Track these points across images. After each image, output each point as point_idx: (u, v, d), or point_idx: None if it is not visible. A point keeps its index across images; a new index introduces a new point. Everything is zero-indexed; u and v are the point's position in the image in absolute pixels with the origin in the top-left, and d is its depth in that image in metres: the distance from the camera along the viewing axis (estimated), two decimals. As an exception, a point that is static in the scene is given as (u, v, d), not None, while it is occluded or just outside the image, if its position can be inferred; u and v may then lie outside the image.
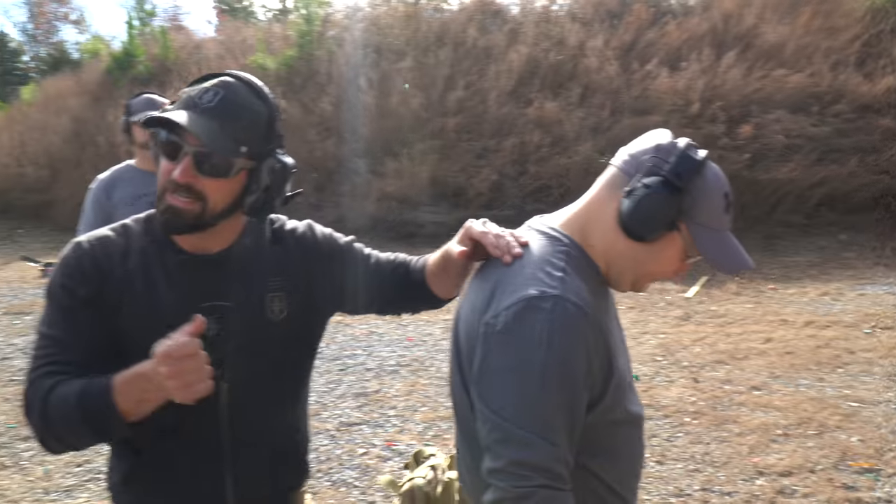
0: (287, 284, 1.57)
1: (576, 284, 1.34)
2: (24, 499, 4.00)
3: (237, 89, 1.46)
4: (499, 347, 1.31)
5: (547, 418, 1.27)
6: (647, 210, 1.36)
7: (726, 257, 1.42)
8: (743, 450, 4.26)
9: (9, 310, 8.32)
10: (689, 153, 1.37)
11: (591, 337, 1.31)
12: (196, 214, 1.43)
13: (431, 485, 1.65)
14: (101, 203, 3.39)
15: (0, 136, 17.21)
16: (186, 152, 1.40)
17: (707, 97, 10.90)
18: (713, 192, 1.39)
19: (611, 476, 1.43)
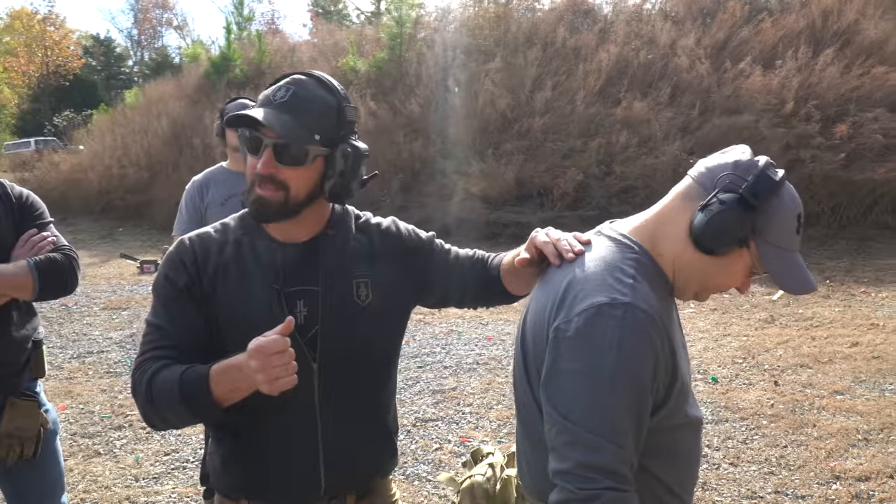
0: (372, 272, 1.67)
1: (645, 291, 1.37)
2: (116, 484, 4.26)
3: (307, 84, 1.58)
4: (569, 352, 1.35)
5: (615, 422, 1.31)
6: (720, 225, 1.37)
7: (792, 277, 1.43)
8: (820, 454, 4.17)
9: (107, 305, 8.78)
10: (767, 173, 1.38)
11: (658, 343, 1.35)
12: (281, 202, 1.56)
13: (490, 482, 1.68)
14: (195, 203, 3.60)
15: (104, 138, 18.10)
16: (266, 145, 1.53)
17: (802, 96, 10.59)
18: (787, 213, 1.40)
19: (670, 477, 1.46)
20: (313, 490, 1.63)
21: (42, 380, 2.57)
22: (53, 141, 24.69)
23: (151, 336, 1.58)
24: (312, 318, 1.60)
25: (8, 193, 2.40)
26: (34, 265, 2.29)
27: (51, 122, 26.62)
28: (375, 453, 1.71)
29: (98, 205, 16.43)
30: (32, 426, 2.40)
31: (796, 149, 10.08)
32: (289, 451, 1.62)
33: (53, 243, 2.41)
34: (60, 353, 6.89)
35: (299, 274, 1.62)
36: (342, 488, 1.66)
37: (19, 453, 2.38)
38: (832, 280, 7.99)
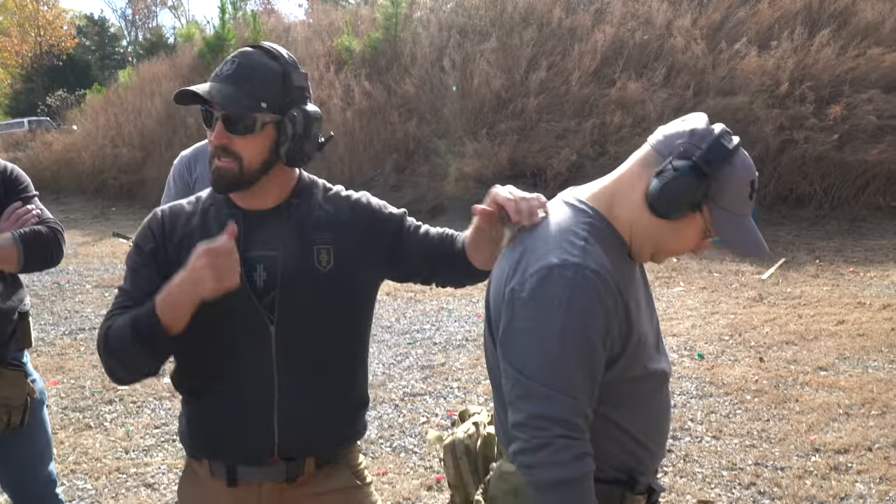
0: (335, 240, 1.70)
1: (597, 253, 1.42)
2: (106, 456, 4.31)
3: (252, 55, 1.63)
4: (523, 311, 1.41)
5: (566, 375, 1.37)
6: (674, 191, 1.42)
7: (743, 241, 1.48)
8: (801, 428, 4.23)
9: (99, 283, 8.82)
10: (721, 141, 1.42)
11: (609, 302, 1.40)
12: (236, 173, 1.61)
13: (472, 439, 1.73)
14: (184, 178, 3.61)
15: (97, 118, 18.05)
16: (217, 118, 1.58)
17: (797, 77, 10.59)
18: (740, 180, 1.44)
19: (635, 427, 1.51)
20: (267, 451, 1.67)
21: (32, 353, 2.60)
22: (46, 121, 24.58)
23: (117, 300, 1.66)
24: (271, 282, 1.64)
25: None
26: (19, 237, 2.32)
27: (44, 102, 26.49)
28: (333, 422, 1.73)
29: (91, 184, 16.42)
30: (19, 395, 2.43)
31: (790, 130, 10.09)
32: (245, 412, 1.66)
33: (38, 216, 2.43)
34: (52, 330, 6.93)
35: (260, 239, 1.66)
36: (298, 452, 1.69)
37: (6, 422, 2.42)
38: (822, 260, 8.04)
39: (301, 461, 1.71)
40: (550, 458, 1.35)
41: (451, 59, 13.25)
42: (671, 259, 8.35)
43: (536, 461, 1.36)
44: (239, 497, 1.71)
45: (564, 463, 1.35)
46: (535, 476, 1.37)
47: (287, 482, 1.71)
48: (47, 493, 2.63)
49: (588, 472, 1.37)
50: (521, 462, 1.39)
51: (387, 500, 3.67)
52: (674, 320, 6.30)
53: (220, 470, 1.71)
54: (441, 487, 3.78)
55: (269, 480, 1.70)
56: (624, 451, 1.51)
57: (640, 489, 1.52)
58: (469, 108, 12.68)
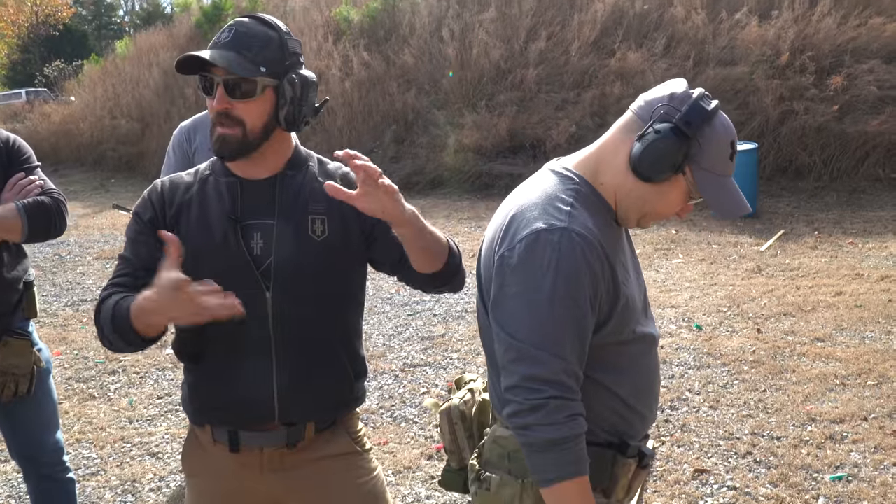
0: (329, 210, 1.73)
1: (583, 217, 1.46)
2: (111, 426, 4.37)
3: (248, 24, 1.68)
4: (512, 277, 1.45)
5: (556, 337, 1.42)
6: (655, 154, 1.46)
7: (725, 201, 1.53)
8: (798, 398, 4.28)
9: (100, 255, 8.84)
10: (700, 103, 1.46)
11: (596, 265, 1.44)
12: (240, 138, 1.65)
13: (468, 405, 1.76)
14: (183, 148, 3.63)
15: (95, 89, 17.95)
16: (218, 83, 1.63)
17: (798, 47, 10.52)
18: (720, 140, 1.48)
19: (624, 390, 1.56)
20: (268, 416, 1.72)
21: (35, 322, 2.64)
22: (44, 92, 24.45)
23: (118, 268, 1.74)
24: (267, 249, 1.69)
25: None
26: (23, 207, 2.35)
27: (41, 73, 26.33)
28: (331, 387, 1.78)
29: (90, 156, 16.38)
30: (26, 364, 2.48)
31: (790, 101, 10.05)
32: (244, 378, 1.71)
33: (41, 186, 2.46)
34: (55, 301, 6.96)
35: (257, 208, 1.71)
36: (298, 417, 1.73)
37: (14, 390, 2.46)
38: (821, 231, 8.05)
39: (301, 426, 1.75)
40: (545, 419, 1.39)
41: (450, 29, 13.16)
42: (670, 231, 8.38)
43: (531, 422, 1.40)
44: (241, 462, 1.76)
45: (559, 423, 1.39)
46: (530, 437, 1.41)
47: (287, 447, 1.75)
48: (55, 459, 2.69)
49: (581, 432, 1.42)
50: (515, 424, 1.43)
51: (388, 468, 3.73)
52: (672, 292, 6.33)
53: (223, 436, 1.75)
54: (441, 457, 3.83)
55: (271, 446, 1.75)
56: (615, 414, 1.56)
57: (632, 453, 1.56)
58: (468, 79, 12.61)
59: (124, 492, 3.64)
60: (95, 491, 3.65)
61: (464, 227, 9.26)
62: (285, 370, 1.70)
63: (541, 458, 1.42)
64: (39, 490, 2.70)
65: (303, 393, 1.73)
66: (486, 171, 11.30)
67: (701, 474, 3.57)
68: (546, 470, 1.42)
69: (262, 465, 1.76)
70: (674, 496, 3.39)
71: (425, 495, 3.51)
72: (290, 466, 1.77)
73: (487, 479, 1.55)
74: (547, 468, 1.41)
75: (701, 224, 8.71)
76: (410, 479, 3.65)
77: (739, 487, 3.44)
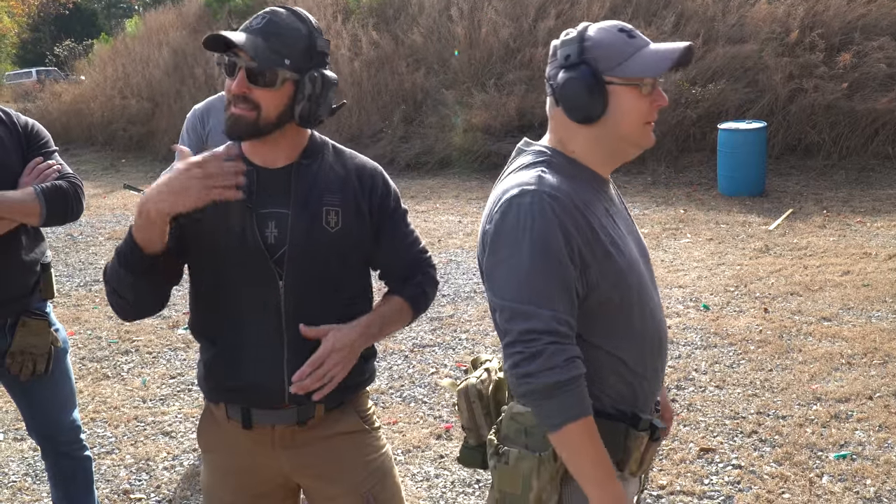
0: (343, 202, 1.78)
1: (552, 179, 1.53)
2: (124, 405, 4.44)
3: (282, 14, 1.71)
4: (493, 245, 1.53)
5: (541, 289, 1.48)
6: (574, 97, 1.55)
7: (658, 62, 1.55)
8: (804, 377, 4.31)
9: (111, 235, 8.90)
10: (572, 37, 1.57)
11: (568, 221, 1.49)
12: (252, 121, 1.69)
13: (484, 384, 1.81)
14: (197, 130, 3.68)
15: (105, 68, 17.92)
16: (240, 66, 1.66)
17: (807, 24, 10.42)
18: (606, 37, 1.56)
19: (630, 356, 1.60)
20: (278, 397, 1.78)
21: (51, 302, 2.70)
22: (55, 71, 24.48)
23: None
24: (281, 239, 1.74)
25: (14, 123, 2.51)
26: (41, 192, 2.41)
27: (51, 52, 26.34)
28: None
29: (101, 135, 16.40)
30: (43, 344, 2.54)
31: (799, 79, 9.98)
32: (258, 360, 1.76)
33: (59, 171, 2.52)
34: (67, 282, 7.04)
35: (273, 197, 1.75)
36: (308, 399, 1.77)
37: (32, 369, 2.53)
38: (829, 210, 8.04)
39: (311, 406, 1.81)
40: (546, 364, 1.45)
41: (459, 7, 13.09)
42: (678, 210, 8.39)
43: (533, 369, 1.46)
44: (254, 438, 1.83)
45: (559, 366, 1.45)
46: (533, 384, 1.47)
47: (298, 425, 1.81)
48: (72, 438, 2.76)
49: (581, 374, 1.48)
50: (517, 374, 1.48)
51: (397, 448, 3.79)
52: (680, 272, 6.35)
53: (236, 413, 1.82)
54: (450, 436, 3.89)
55: (282, 423, 1.81)
56: (620, 381, 1.61)
57: (643, 426, 1.60)
58: (477, 59, 12.56)
59: (138, 470, 3.72)
60: (110, 469, 3.73)
61: (472, 208, 9.28)
62: (297, 356, 1.75)
63: (546, 404, 1.47)
64: (57, 468, 2.77)
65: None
66: (495, 150, 11.28)
67: (706, 453, 3.61)
68: (552, 415, 1.48)
69: (274, 441, 1.83)
70: (679, 474, 3.44)
71: (434, 474, 3.57)
72: (301, 443, 1.83)
73: (506, 453, 1.60)
74: (552, 413, 1.47)
75: (709, 203, 8.71)
76: (420, 458, 3.71)
77: (744, 466, 3.48)
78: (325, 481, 1.87)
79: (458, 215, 9.05)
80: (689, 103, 10.37)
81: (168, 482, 3.61)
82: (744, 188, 8.84)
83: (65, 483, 2.78)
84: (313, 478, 1.88)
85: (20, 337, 2.49)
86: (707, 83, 10.42)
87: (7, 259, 2.45)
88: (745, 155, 8.78)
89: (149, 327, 5.63)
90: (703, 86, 10.38)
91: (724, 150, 8.94)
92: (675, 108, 10.41)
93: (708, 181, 9.58)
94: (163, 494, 3.52)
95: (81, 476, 2.81)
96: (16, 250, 2.47)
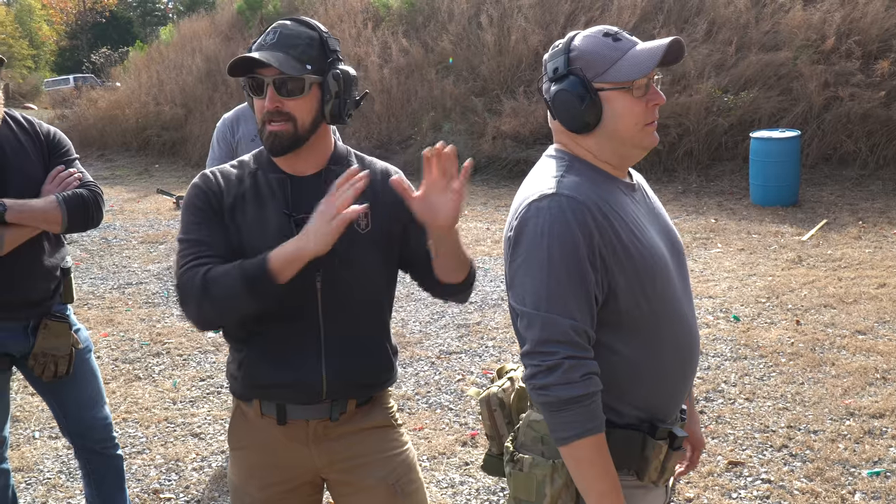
0: (373, 205, 1.83)
1: (573, 182, 1.54)
2: (155, 406, 4.50)
3: (290, 26, 1.79)
4: (514, 251, 1.55)
5: (560, 297, 1.48)
6: (567, 108, 1.56)
7: (647, 60, 1.54)
8: (836, 391, 4.24)
9: (145, 239, 9.02)
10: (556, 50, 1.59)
11: (589, 222, 1.49)
12: (291, 133, 1.76)
13: (507, 393, 1.83)
14: (227, 139, 3.75)
15: (140, 75, 18.19)
16: (267, 83, 1.73)
17: (844, 31, 10.30)
18: (590, 44, 1.57)
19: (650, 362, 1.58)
20: (316, 393, 1.83)
21: (83, 307, 2.76)
22: (91, 78, 24.92)
23: (192, 249, 1.76)
24: None
25: (37, 131, 2.57)
26: (63, 200, 2.47)
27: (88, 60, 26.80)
28: (372, 366, 1.89)
29: (135, 141, 16.65)
30: (64, 345, 2.60)
31: (835, 87, 9.85)
32: (295, 357, 1.81)
33: (80, 179, 2.58)
34: (101, 284, 7.14)
35: (307, 203, 1.78)
36: (342, 394, 1.85)
37: (54, 371, 2.59)
38: (865, 221, 7.91)
39: (344, 401, 1.86)
40: (562, 379, 1.46)
41: (489, 15, 13.12)
42: (709, 220, 8.31)
43: (549, 382, 1.46)
44: (288, 434, 1.88)
45: (575, 382, 1.46)
46: (548, 397, 1.47)
47: (331, 420, 1.86)
48: (104, 435, 2.82)
49: (596, 391, 1.48)
50: (533, 385, 1.49)
51: (423, 454, 3.79)
52: (710, 282, 6.29)
53: (271, 409, 1.86)
54: (475, 443, 3.88)
55: (316, 418, 1.86)
56: (640, 387, 1.59)
57: (661, 434, 1.59)
58: (506, 66, 12.58)
59: (168, 470, 3.76)
60: (141, 469, 3.77)
61: (500, 215, 9.28)
62: (334, 355, 1.81)
63: (558, 417, 1.48)
64: (90, 466, 2.83)
65: (350, 373, 1.84)
66: (524, 157, 11.27)
67: (735, 466, 3.57)
68: (564, 429, 1.48)
69: (308, 436, 1.87)
70: (707, 487, 3.40)
71: (459, 481, 3.56)
72: (333, 437, 1.88)
73: (521, 460, 1.61)
74: (564, 426, 1.48)
75: (741, 213, 8.62)
76: (445, 465, 3.71)
77: (774, 480, 3.43)
78: (355, 474, 1.91)
79: (486, 222, 9.04)
80: (720, 111, 10.28)
81: (197, 483, 3.65)
82: (776, 198, 8.73)
83: (97, 481, 2.84)
84: (343, 471, 1.91)
85: (42, 339, 2.55)
86: (739, 91, 10.33)
87: (30, 265, 2.51)
88: (779, 164, 8.68)
89: (179, 330, 5.70)
90: (736, 94, 10.29)
91: (757, 159, 8.84)
92: (706, 117, 10.33)
93: (739, 190, 9.48)
94: (191, 495, 3.55)
95: (112, 474, 2.86)
96: (38, 256, 2.53)
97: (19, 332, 2.55)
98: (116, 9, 42.52)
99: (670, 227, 1.73)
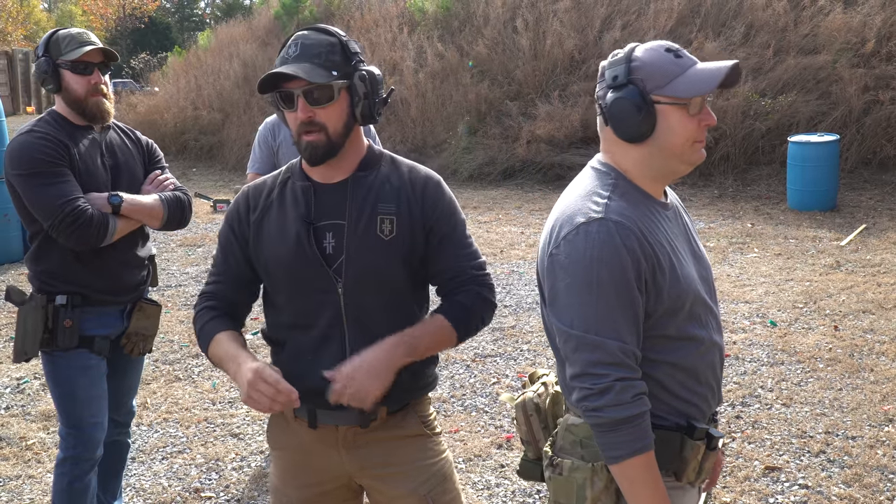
0: (398, 210, 1.85)
1: (619, 206, 1.57)
2: (195, 407, 4.58)
3: (309, 35, 1.82)
4: (561, 272, 1.56)
5: (609, 321, 1.52)
6: (623, 116, 1.58)
7: (703, 80, 1.57)
8: (875, 398, 4.20)
9: (183, 242, 9.16)
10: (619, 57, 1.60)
11: (636, 246, 1.53)
12: (325, 143, 1.80)
13: (541, 397, 1.85)
14: (268, 142, 3.84)
15: (178, 80, 18.44)
16: (297, 95, 1.76)
17: (884, 34, 10.16)
18: (653, 58, 1.58)
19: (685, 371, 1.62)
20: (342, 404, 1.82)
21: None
22: (131, 83, 25.35)
23: (212, 271, 1.97)
24: (339, 248, 1.83)
25: (138, 138, 2.94)
26: (165, 200, 2.78)
27: (128, 65, 27.28)
28: (400, 377, 1.82)
29: (173, 145, 16.87)
30: (154, 325, 2.90)
31: (875, 90, 9.72)
32: (322, 363, 1.82)
33: (174, 184, 2.89)
34: (141, 287, 7.27)
35: (330, 210, 1.84)
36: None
37: (142, 348, 2.87)
38: (905, 226, 7.80)
39: (374, 408, 1.84)
40: (614, 401, 1.49)
41: (524, 19, 13.13)
42: (745, 224, 8.24)
43: (602, 404, 1.50)
44: (319, 437, 1.91)
45: (626, 403, 1.50)
46: (601, 418, 1.51)
47: (360, 427, 1.88)
48: (127, 421, 3.09)
49: (646, 410, 1.52)
50: (585, 407, 1.53)
51: (458, 456, 3.82)
52: (747, 287, 6.25)
53: (303, 413, 1.91)
54: (511, 446, 3.91)
55: (345, 424, 1.88)
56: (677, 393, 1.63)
57: (699, 435, 1.62)
58: (541, 70, 12.58)
59: (209, 469, 3.84)
60: (182, 468, 3.85)
61: (535, 219, 9.29)
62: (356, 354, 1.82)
63: (611, 437, 1.51)
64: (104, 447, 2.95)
65: None
66: (559, 162, 11.27)
67: (772, 471, 3.56)
68: (616, 447, 1.52)
69: (338, 441, 1.90)
70: (743, 492, 3.40)
71: (495, 483, 3.59)
72: (363, 444, 1.90)
73: (559, 464, 1.64)
74: (616, 446, 1.51)
75: (778, 218, 8.54)
76: (480, 468, 3.74)
77: (811, 486, 3.42)
78: (385, 483, 1.93)
79: (520, 226, 9.06)
80: (757, 115, 10.19)
81: (236, 482, 3.72)
82: (814, 203, 8.64)
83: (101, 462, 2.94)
84: (374, 479, 1.94)
85: (136, 320, 2.83)
86: (777, 95, 10.23)
87: (129, 254, 2.79)
88: (817, 168, 8.58)
89: (218, 332, 5.78)
90: (773, 97, 10.19)
91: (795, 164, 8.75)
92: (743, 121, 10.24)
93: (777, 195, 9.39)
94: (231, 494, 3.62)
95: (115, 458, 3.07)
96: (135, 247, 2.81)
97: (117, 316, 2.81)
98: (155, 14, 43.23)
99: (698, 246, 1.76)
